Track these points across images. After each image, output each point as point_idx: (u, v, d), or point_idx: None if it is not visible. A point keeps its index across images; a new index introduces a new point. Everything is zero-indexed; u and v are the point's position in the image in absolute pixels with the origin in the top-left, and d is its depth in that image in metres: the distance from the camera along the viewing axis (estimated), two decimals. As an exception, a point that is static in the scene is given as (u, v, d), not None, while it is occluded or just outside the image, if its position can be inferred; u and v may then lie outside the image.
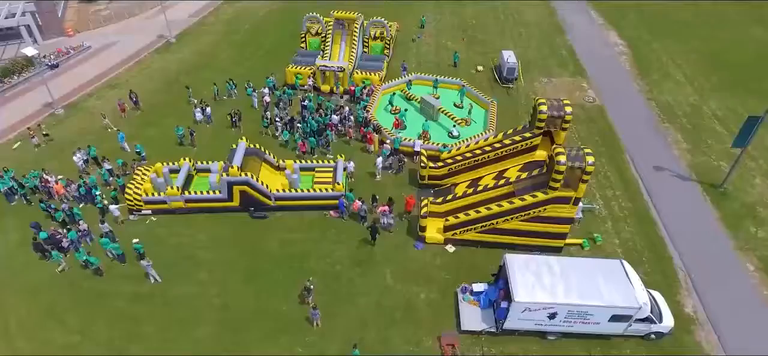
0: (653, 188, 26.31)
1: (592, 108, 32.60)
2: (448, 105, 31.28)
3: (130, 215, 23.80)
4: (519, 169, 23.69)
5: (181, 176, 24.08)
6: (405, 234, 23.18)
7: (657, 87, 35.09)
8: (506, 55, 34.25)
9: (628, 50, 39.73)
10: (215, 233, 23.17)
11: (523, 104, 32.77)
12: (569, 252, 22.41)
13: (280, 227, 23.44)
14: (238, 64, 37.14)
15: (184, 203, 23.54)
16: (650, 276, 21.48)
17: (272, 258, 21.95)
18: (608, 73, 36.59)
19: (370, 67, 33.53)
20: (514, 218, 21.28)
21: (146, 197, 23.32)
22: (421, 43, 39.89)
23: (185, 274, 21.18)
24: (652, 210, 24.99)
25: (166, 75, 36.13)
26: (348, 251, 22.31)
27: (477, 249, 22.36)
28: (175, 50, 39.65)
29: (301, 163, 25.50)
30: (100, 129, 30.01)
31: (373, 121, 28.63)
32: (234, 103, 31.96)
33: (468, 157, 24.19)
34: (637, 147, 29.17)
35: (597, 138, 29.71)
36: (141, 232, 23.04)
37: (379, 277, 21.22)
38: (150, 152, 27.88)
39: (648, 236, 23.46)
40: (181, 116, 31.01)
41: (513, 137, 23.46)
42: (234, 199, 23.47)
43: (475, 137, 27.45)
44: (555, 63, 37.80)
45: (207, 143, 28.89)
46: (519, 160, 23.80)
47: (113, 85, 35.26)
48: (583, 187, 19.93)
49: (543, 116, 22.07)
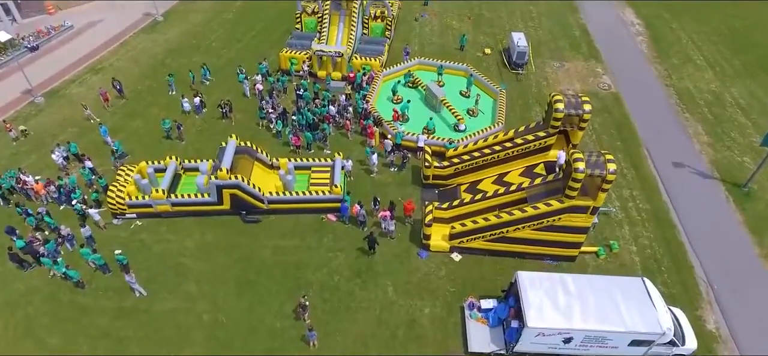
0: (672, 186, 24.63)
1: (607, 96, 30.54)
2: (454, 94, 29.21)
3: (114, 219, 22.23)
4: (521, 173, 22.05)
5: (167, 177, 22.38)
6: (407, 240, 21.66)
7: (676, 72, 32.92)
8: (516, 37, 31.92)
9: (646, 30, 37.31)
10: (204, 238, 21.64)
11: (533, 92, 30.71)
12: (583, 260, 20.98)
13: (274, 232, 21.91)
14: (228, 46, 34.84)
15: (171, 206, 21.93)
16: (670, 288, 20.07)
17: (266, 268, 20.50)
18: (624, 57, 34.34)
19: (369, 52, 31.27)
20: (525, 227, 19.73)
21: (130, 201, 21.68)
22: (424, 23, 37.41)
23: (172, 286, 19.76)
24: (672, 212, 23.39)
25: (152, 58, 33.89)
26: (347, 259, 20.84)
27: (485, 258, 20.89)
28: (162, 30, 37.22)
29: (296, 161, 23.73)
30: (83, 120, 28.10)
31: (373, 112, 26.66)
32: (209, 90, 29.91)
33: (476, 156, 22.41)
34: (656, 141, 27.33)
35: (613, 130, 27.82)
36: (125, 237, 21.55)
37: (381, 289, 19.82)
38: (135, 146, 26.13)
39: (667, 243, 21.94)
40: (167, 105, 29.07)
41: (525, 136, 21.63)
42: (224, 202, 21.85)
43: (484, 132, 25.57)
44: (567, 44, 35.47)
45: (196, 136, 27.04)
46: (531, 160, 22.08)
47: (96, 69, 33.09)
48: (602, 196, 18.26)
49: (559, 114, 20.19)
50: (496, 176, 22.65)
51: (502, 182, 22.17)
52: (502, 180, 22.25)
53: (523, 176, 21.95)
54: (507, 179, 22.23)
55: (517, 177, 22.06)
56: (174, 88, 29.84)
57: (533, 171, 22.05)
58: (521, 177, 21.91)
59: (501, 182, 22.20)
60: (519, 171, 22.26)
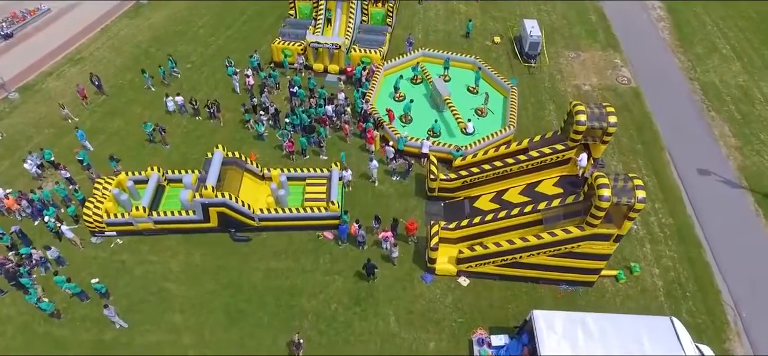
0: (697, 197, 22.75)
1: (626, 92, 28.24)
2: (461, 90, 26.95)
3: (92, 238, 20.49)
4: (522, 192, 20.05)
5: (148, 192, 20.50)
6: (410, 262, 19.97)
7: (701, 63, 30.45)
8: (529, 26, 29.31)
9: (668, 15, 34.52)
10: (190, 259, 19.96)
11: (547, 86, 28.39)
12: (602, 285, 19.35)
13: (266, 252, 20.20)
14: (216, 34, 32.23)
15: (154, 224, 20.15)
16: (695, 318, 18.51)
17: (257, 294, 18.89)
18: (644, 45, 31.78)
19: (369, 42, 28.76)
20: (540, 253, 17.99)
21: (109, 219, 19.88)
22: (429, 7, 34.60)
23: (155, 315, 18.19)
24: (697, 227, 21.60)
25: (135, 47, 31.37)
26: (345, 284, 19.20)
27: (495, 282, 19.26)
28: (146, 14, 34.49)
29: (289, 172, 21.78)
30: (60, 119, 25.94)
31: (373, 113, 24.49)
32: (195, 86, 27.76)
33: (486, 169, 20.43)
34: (679, 144, 25.25)
35: (633, 131, 25.70)
36: (104, 258, 19.87)
37: (382, 319, 18.25)
38: (117, 150, 24.06)
39: (692, 263, 20.24)
40: (151, 103, 26.88)
41: (541, 149, 19.59)
42: (211, 220, 20.07)
43: (494, 136, 23.48)
44: (583, 31, 32.83)
45: (182, 139, 24.96)
46: (547, 174, 20.13)
47: (75, 60, 30.63)
48: (628, 225, 16.46)
49: (581, 127, 18.09)
50: (524, 186, 20.58)
51: (532, 192, 20.13)
52: (534, 191, 20.20)
53: (556, 187, 19.83)
54: (539, 190, 20.17)
55: (550, 187, 20.01)
56: (151, 84, 27.57)
57: (536, 191, 20.01)
58: (555, 187, 19.82)
59: (531, 192, 20.15)
60: (552, 182, 20.16)
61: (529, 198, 19.62)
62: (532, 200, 19.41)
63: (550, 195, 19.36)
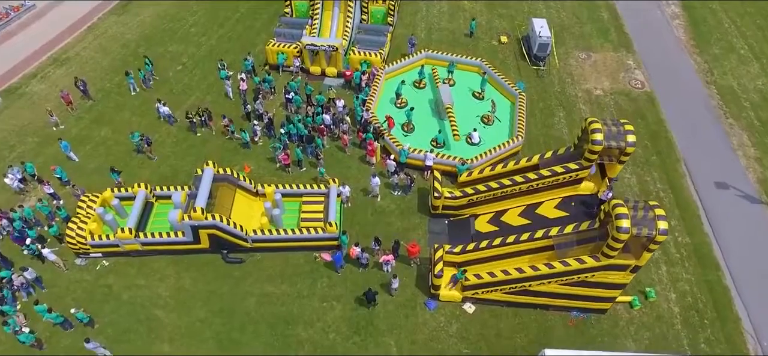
0: (715, 214, 21.59)
1: (640, 97, 26.83)
2: (466, 96, 25.58)
3: (77, 259, 19.38)
4: (521, 214, 18.88)
5: (135, 211, 19.31)
6: (413, 287, 18.90)
7: (718, 65, 28.98)
8: (537, 26, 27.75)
9: (683, 12, 32.87)
10: (180, 283, 18.88)
11: (556, 91, 26.97)
12: (615, 311, 18.30)
13: (260, 275, 19.12)
14: (208, 32, 30.65)
15: (141, 246, 19.03)
16: (714, 348, 17.52)
17: (251, 322, 17.86)
18: (659, 46, 30.24)
19: (368, 44, 27.24)
20: (551, 281, 16.89)
21: (93, 241, 18.73)
22: (432, 3, 32.91)
23: (143, 346, 17.17)
24: (715, 247, 20.49)
25: (123, 47, 29.85)
26: (343, 311, 18.15)
27: (502, 309, 18.22)
28: (134, 10, 32.84)
29: (284, 188, 20.56)
30: (45, 127, 24.62)
31: (374, 123, 23.15)
32: (187, 89, 26.38)
33: (494, 188, 19.21)
34: (696, 154, 23.99)
35: (647, 141, 24.39)
36: (89, 282, 18.80)
37: (383, 349, 17.25)
38: (103, 161, 22.91)
39: (710, 287, 19.17)
40: (139, 109, 25.54)
41: (553, 168, 18.34)
42: (202, 241, 18.94)
43: (501, 147, 22.20)
44: (594, 30, 31.26)
45: (172, 149, 23.67)
46: (549, 195, 18.96)
47: (61, 60, 29.15)
48: (647, 256, 15.32)
49: (597, 147, 16.82)
50: (524, 207, 19.46)
51: (533, 215, 19.04)
52: (534, 213, 19.08)
53: (558, 209, 18.75)
54: (539, 212, 19.05)
55: (551, 210, 18.91)
56: (136, 87, 26.22)
57: (536, 213, 18.86)
58: (557, 210, 18.73)
59: (531, 215, 19.06)
60: (554, 204, 19.01)
61: (530, 221, 18.58)
62: (533, 223, 18.42)
63: (551, 219, 18.28)
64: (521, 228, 18.35)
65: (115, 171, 21.28)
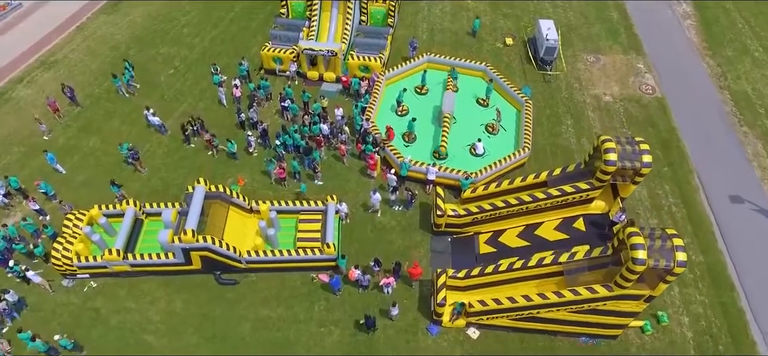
0: (730, 230, 20.71)
1: (651, 103, 25.77)
2: (469, 102, 24.53)
3: (64, 281, 18.55)
4: (556, 227, 18.08)
5: (123, 230, 18.42)
6: (415, 310, 18.09)
7: (732, 68, 27.86)
8: (545, 28, 26.56)
9: (694, 12, 31.63)
10: (171, 307, 18.07)
11: (563, 97, 25.90)
12: (626, 337, 17.51)
13: (255, 298, 18.30)
14: (202, 33, 29.44)
15: (130, 267, 18.19)
16: (730, 376, 16.79)
17: (245, 348, 17.08)
18: (670, 48, 29.09)
19: (368, 47, 26.11)
20: (560, 309, 16.07)
21: (80, 263, 17.87)
22: (433, 2, 31.62)
23: (133, 375, 16.49)
24: (730, 267, 19.64)
25: (113, 48, 28.68)
26: (342, 336, 17.37)
27: (508, 334, 17.44)
28: (125, 9, 31.58)
29: (279, 205, 19.64)
30: (31, 136, 23.61)
31: (374, 133, 22.15)
32: (178, 96, 25.35)
33: (500, 206, 18.30)
34: (709, 165, 23.03)
35: (658, 151, 23.39)
36: (77, 305, 17.99)
37: (383, 378, 16.54)
38: (92, 173, 22.02)
39: (725, 310, 18.37)
40: (130, 116, 24.52)
41: (562, 187, 17.42)
42: (193, 262, 18.10)
43: (507, 160, 21.23)
44: (603, 30, 30.06)
45: (163, 160, 22.69)
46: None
47: (48, 63, 28.02)
48: (662, 287, 14.47)
49: (610, 168, 15.89)
50: (523, 228, 18.67)
51: (532, 236, 18.25)
52: (533, 234, 18.30)
53: (558, 231, 18.00)
54: (538, 233, 18.27)
55: (551, 232, 18.11)
56: (124, 91, 25.22)
57: (536, 234, 18.13)
58: (556, 232, 17.97)
59: (530, 236, 18.28)
60: (553, 225, 18.21)
61: (529, 243, 17.92)
62: (532, 245, 17.79)
63: (551, 241, 17.51)
64: (520, 250, 17.67)
65: (116, 184, 20.34)
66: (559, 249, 16.30)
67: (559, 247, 16.79)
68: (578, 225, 17.72)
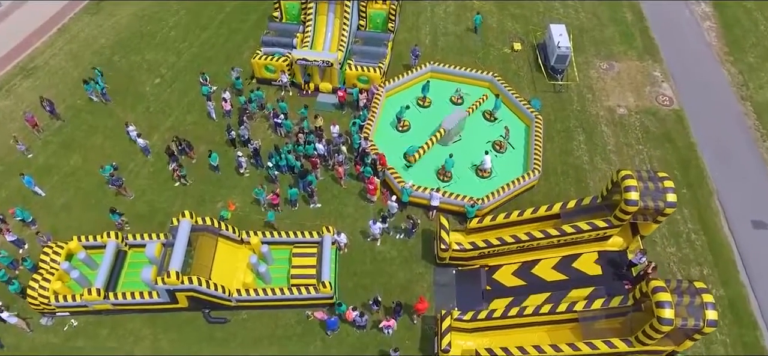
0: (752, 260, 19.41)
1: (668, 116, 24.20)
2: (475, 116, 22.98)
3: (42, 319, 17.38)
4: (556, 266, 16.81)
5: (104, 265, 17.13)
6: (416, 349, 16.95)
7: (754, 77, 26.21)
8: (556, 34, 24.80)
9: (714, 13, 29.76)
10: (157, 346, 16.93)
11: (575, 109, 24.34)
12: (641, 382, 16.38)
13: (246, 338, 17.14)
14: (190, 37, 27.70)
15: (112, 305, 17.00)
16: (753, 427, 15.72)
17: (235, 395, 16.05)
18: (688, 53, 27.37)
19: (367, 55, 24.40)
20: None
21: (58, 302, 16.67)
22: (437, 3, 29.74)
23: (115, 426, 15.45)
24: (752, 301, 18.43)
25: (96, 53, 26.99)
26: (339, 381, 16.32)
27: (516, 379, 16.31)
28: (109, 10, 29.75)
29: (272, 236, 18.34)
30: (8, 154, 22.20)
31: (372, 153, 20.68)
32: (166, 107, 23.82)
33: (508, 242, 16.98)
34: (730, 186, 21.63)
35: (676, 171, 21.95)
36: (56, 345, 16.89)
37: (382, 429, 15.50)
38: (73, 195, 20.71)
39: (747, 350, 17.19)
40: (113, 131, 23.05)
41: (576, 223, 16.08)
42: (180, 301, 16.89)
43: (516, 184, 19.83)
44: (617, 33, 28.28)
45: (148, 182, 21.30)
46: (588, 247, 16.80)
47: (28, 70, 26.38)
48: (688, 344, 13.28)
49: (631, 208, 14.55)
50: (545, 261, 17.37)
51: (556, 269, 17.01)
52: (570, 266, 17.03)
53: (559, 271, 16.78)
54: (541, 275, 17.03)
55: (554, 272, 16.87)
56: (97, 98, 23.98)
57: (573, 267, 16.84)
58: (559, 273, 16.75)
59: (565, 268, 17.01)
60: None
61: (566, 276, 16.64)
62: (570, 278, 16.58)
63: (591, 275, 16.23)
64: (556, 284, 16.45)
65: (117, 212, 18.97)
66: (574, 287, 15.18)
67: (574, 286, 15.66)
68: (594, 268, 16.46)
